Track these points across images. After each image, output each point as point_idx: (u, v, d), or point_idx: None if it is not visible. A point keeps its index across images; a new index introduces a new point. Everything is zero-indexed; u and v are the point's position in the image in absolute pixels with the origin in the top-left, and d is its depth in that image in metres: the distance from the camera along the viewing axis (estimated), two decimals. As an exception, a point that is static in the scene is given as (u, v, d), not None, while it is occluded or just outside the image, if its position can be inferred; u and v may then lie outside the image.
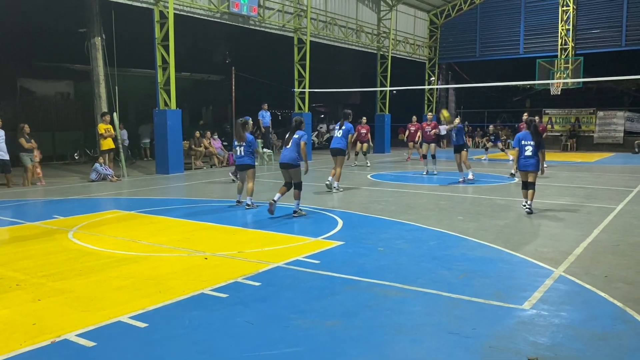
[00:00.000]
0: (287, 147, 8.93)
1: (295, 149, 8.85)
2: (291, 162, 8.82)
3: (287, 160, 8.84)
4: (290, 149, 8.87)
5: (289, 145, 8.92)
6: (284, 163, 8.91)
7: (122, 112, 17.14)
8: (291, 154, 8.84)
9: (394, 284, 5.19)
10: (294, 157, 8.82)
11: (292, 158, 8.82)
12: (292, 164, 8.83)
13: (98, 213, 9.38)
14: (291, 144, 8.89)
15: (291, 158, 8.82)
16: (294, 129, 9.07)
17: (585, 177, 14.54)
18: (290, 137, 8.96)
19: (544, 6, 26.92)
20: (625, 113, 27.42)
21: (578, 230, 7.65)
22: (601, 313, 4.45)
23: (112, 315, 4.35)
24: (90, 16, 16.19)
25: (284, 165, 8.93)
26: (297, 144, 8.88)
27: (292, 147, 8.87)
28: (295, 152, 8.84)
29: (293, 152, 8.85)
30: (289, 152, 8.87)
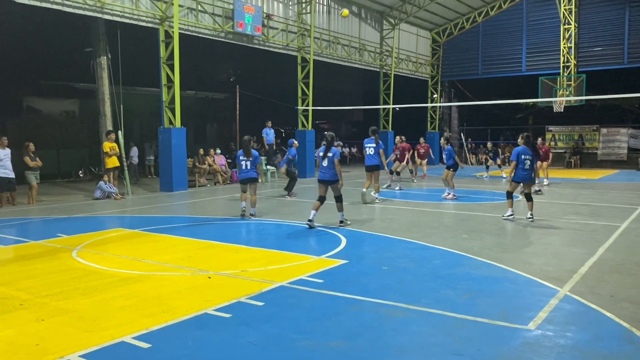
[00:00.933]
0: (324, 165, 9.45)
1: (332, 165, 9.40)
2: (332, 178, 9.43)
3: (329, 177, 9.44)
4: (328, 166, 9.44)
5: (325, 163, 9.43)
6: (325, 180, 9.50)
7: (127, 130, 17.26)
8: (330, 170, 9.41)
9: (398, 303, 5.17)
10: (333, 173, 9.40)
11: (332, 174, 9.41)
12: (332, 180, 9.43)
13: (102, 231, 9.40)
14: (328, 162, 9.43)
15: (331, 175, 9.41)
16: (329, 145, 9.52)
17: (590, 195, 14.50)
18: (325, 155, 9.46)
19: (546, 24, 27.11)
20: (628, 130, 27.44)
21: (583, 249, 7.61)
22: (607, 333, 4.41)
23: (116, 336, 4.33)
24: (96, 36, 16.38)
25: (324, 182, 9.52)
26: (332, 161, 9.40)
27: (329, 165, 9.42)
28: (333, 168, 9.39)
29: (331, 168, 9.40)
30: (328, 169, 9.44)
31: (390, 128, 26.54)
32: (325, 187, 9.60)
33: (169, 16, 15.38)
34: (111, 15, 14.48)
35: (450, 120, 32.59)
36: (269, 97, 24.12)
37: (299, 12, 20.62)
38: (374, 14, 25.44)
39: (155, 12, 15.24)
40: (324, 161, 9.43)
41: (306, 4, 20.68)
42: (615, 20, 25.46)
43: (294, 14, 20.59)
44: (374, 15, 25.49)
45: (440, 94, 31.05)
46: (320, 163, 9.53)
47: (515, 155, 9.80)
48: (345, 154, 32.89)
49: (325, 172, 9.48)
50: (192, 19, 16.51)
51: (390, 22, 25.91)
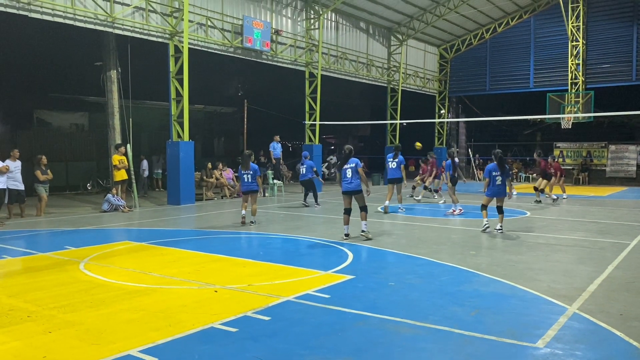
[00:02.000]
0: (347, 177, 9.57)
1: (356, 176, 9.54)
2: (357, 188, 9.57)
3: (354, 187, 9.57)
4: (351, 178, 9.56)
5: (349, 175, 9.56)
6: (350, 191, 9.62)
7: (136, 143, 17.39)
8: (355, 181, 9.54)
9: (406, 320, 5.13)
10: (358, 184, 9.56)
11: (357, 185, 9.56)
12: (357, 190, 9.59)
13: (109, 244, 9.42)
14: (352, 174, 9.55)
15: (356, 185, 9.56)
16: (346, 157, 9.67)
17: (598, 212, 14.40)
18: (346, 167, 9.58)
19: (554, 41, 27.16)
20: (637, 147, 27.28)
21: (591, 267, 7.55)
22: (617, 352, 4.36)
23: (122, 349, 4.33)
24: (107, 50, 16.58)
25: (350, 193, 9.65)
26: (356, 171, 9.55)
27: (353, 176, 9.55)
28: (357, 179, 9.54)
29: (356, 179, 9.54)
30: (352, 179, 9.57)
31: (397, 143, 26.52)
32: (349, 199, 9.72)
33: (178, 31, 15.56)
34: (122, 30, 14.67)
35: (458, 135, 32.56)
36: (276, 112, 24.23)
37: (307, 27, 20.80)
38: (382, 30, 25.61)
39: (165, 27, 15.43)
40: (347, 172, 9.56)
41: (314, 20, 20.86)
42: (623, 38, 25.47)
43: (302, 29, 20.76)
44: (382, 32, 25.66)
45: (448, 110, 31.08)
46: (343, 175, 9.62)
47: (487, 173, 10.49)
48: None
49: (349, 183, 9.58)
50: (202, 34, 16.69)
51: (398, 38, 26.06)
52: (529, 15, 27.77)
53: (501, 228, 10.49)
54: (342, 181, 9.65)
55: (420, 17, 25.13)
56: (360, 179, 9.56)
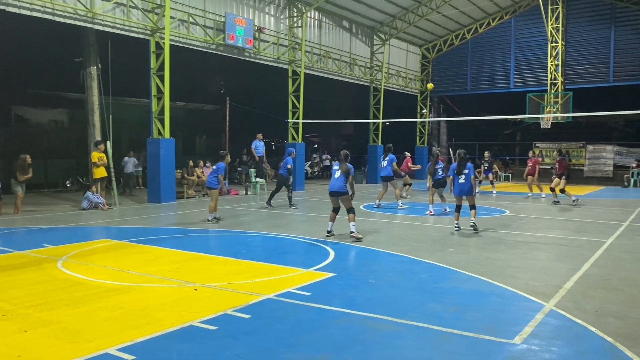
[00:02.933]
0: (335, 177, 9.66)
1: (344, 178, 9.57)
2: (340, 189, 9.59)
3: (337, 189, 9.62)
4: (339, 179, 9.62)
5: (337, 175, 9.66)
6: (334, 191, 9.66)
7: (116, 140, 17.19)
8: (341, 183, 9.59)
9: (385, 317, 5.16)
10: (343, 186, 9.58)
11: (341, 186, 9.59)
12: (342, 192, 9.60)
13: (88, 242, 9.31)
14: (340, 175, 9.62)
15: (340, 186, 9.58)
16: (343, 160, 9.70)
17: (576, 210, 14.62)
18: (342, 167, 9.63)
19: (534, 42, 27.50)
20: (614, 147, 27.78)
21: (569, 264, 7.67)
22: (592, 348, 4.44)
23: (100, 348, 4.29)
24: (87, 46, 16.35)
25: (333, 194, 9.69)
26: (347, 174, 9.59)
27: (340, 177, 9.61)
28: (344, 181, 9.57)
29: (343, 181, 9.59)
30: (339, 181, 9.61)
31: (380, 142, 26.66)
32: (336, 199, 9.77)
33: (160, 28, 15.41)
34: (102, 26, 14.48)
35: (439, 135, 32.80)
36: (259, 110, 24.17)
37: (290, 25, 20.76)
38: (365, 29, 25.67)
39: (146, 23, 15.27)
40: (336, 172, 9.67)
41: (297, 18, 20.83)
42: (601, 40, 25.90)
43: (285, 27, 20.72)
44: (365, 31, 25.72)
45: (430, 109, 31.28)
46: (332, 174, 9.74)
47: (452, 172, 10.78)
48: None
49: (334, 184, 9.66)
50: (184, 30, 16.56)
51: (380, 37, 26.15)
52: (510, 16, 28.08)
53: (474, 223, 10.51)
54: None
55: (402, 16, 25.25)
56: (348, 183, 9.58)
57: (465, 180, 10.47)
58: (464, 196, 10.59)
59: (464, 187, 10.48)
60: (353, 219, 9.62)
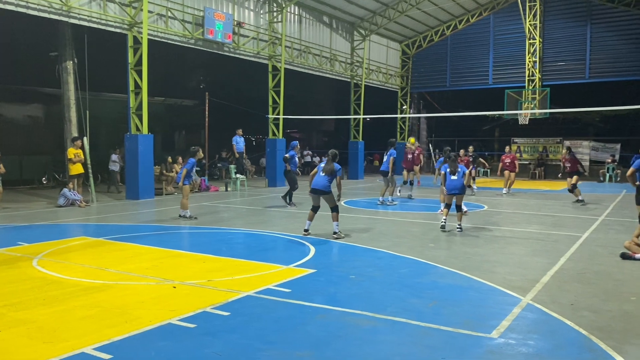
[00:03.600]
0: (320, 174, 9.35)
1: (329, 178, 9.31)
2: (324, 189, 9.27)
3: (321, 187, 9.28)
4: (324, 177, 9.32)
5: (323, 173, 9.34)
6: (317, 189, 9.32)
7: (93, 136, 16.92)
8: (325, 181, 9.30)
9: (365, 312, 5.18)
10: (327, 185, 9.30)
11: (325, 185, 9.28)
12: (325, 190, 9.28)
13: (65, 240, 9.17)
14: (326, 174, 9.33)
15: (324, 185, 9.28)
16: (330, 160, 9.42)
17: (553, 205, 14.85)
18: (327, 167, 9.35)
19: (512, 39, 27.80)
20: (590, 142, 28.26)
21: (545, 258, 7.79)
22: (567, 342, 4.51)
23: (76, 347, 4.22)
24: (63, 40, 16.08)
25: (316, 192, 9.35)
26: (332, 174, 9.31)
27: (326, 176, 9.32)
28: (329, 180, 9.30)
29: (327, 180, 9.31)
30: (323, 179, 9.31)
31: (361, 138, 26.73)
32: (318, 198, 9.44)
33: (138, 22, 15.21)
34: (78, 20, 14.23)
35: (419, 131, 33.01)
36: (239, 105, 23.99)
37: (270, 20, 20.65)
38: (345, 25, 25.67)
39: (124, 17, 15.05)
40: (324, 172, 9.32)
41: (277, 13, 20.73)
42: (578, 37, 26.30)
43: (265, 22, 20.61)
44: (345, 26, 25.72)
45: (410, 105, 31.45)
46: (318, 172, 9.42)
47: (443, 168, 10.67)
48: (315, 163, 32.94)
49: (318, 182, 9.31)
50: (162, 25, 16.36)
51: (361, 33, 26.18)
52: (489, 12, 28.34)
53: (460, 227, 10.14)
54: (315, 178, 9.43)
55: (382, 12, 25.30)
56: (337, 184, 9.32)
57: (458, 178, 10.35)
58: (456, 194, 10.34)
59: (457, 185, 10.30)
60: (337, 218, 9.40)
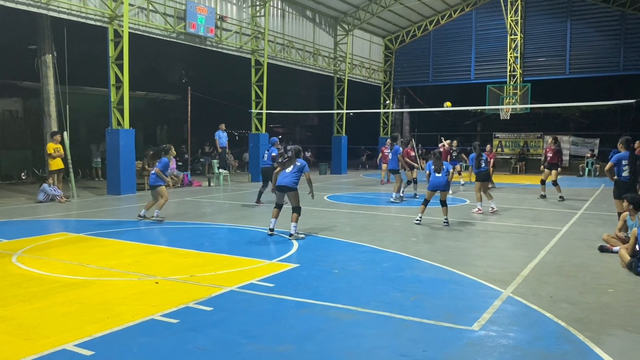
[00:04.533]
0: (286, 171, 8.98)
1: (296, 174, 8.94)
2: (290, 185, 8.90)
3: (286, 183, 8.90)
4: (291, 173, 8.94)
5: (289, 169, 8.97)
6: (282, 186, 8.94)
7: (74, 131, 16.70)
8: (291, 178, 8.92)
9: (348, 306, 5.21)
10: (294, 181, 8.92)
11: (291, 182, 8.91)
12: (291, 187, 8.90)
13: (45, 235, 9.05)
14: (292, 169, 8.96)
15: (290, 182, 8.90)
16: (294, 156, 9.13)
17: (533, 200, 15.04)
18: (290, 163, 9.03)
19: (494, 34, 28.02)
20: (570, 138, 28.66)
21: (525, 252, 7.90)
22: (547, 333, 4.59)
23: (57, 344, 4.19)
24: (41, 33, 15.81)
25: (282, 188, 8.97)
26: (299, 170, 8.97)
27: (292, 172, 8.95)
28: (296, 177, 8.93)
29: (293, 176, 8.93)
30: (289, 176, 8.92)
31: (344, 133, 26.76)
32: (283, 195, 9.09)
33: (118, 15, 15.01)
34: (57, 12, 14.00)
35: (402, 126, 33.16)
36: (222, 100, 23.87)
37: (253, 14, 20.54)
38: (328, 20, 25.63)
39: (104, 10, 14.84)
40: (289, 168, 8.96)
41: (260, 7, 20.62)
42: (558, 33, 26.61)
43: (248, 16, 20.49)
44: (328, 21, 25.68)
45: (393, 100, 31.56)
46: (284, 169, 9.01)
47: (428, 167, 10.73)
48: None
49: (284, 178, 8.93)
50: (143, 18, 16.17)
51: (344, 27, 26.16)
52: (471, 8, 28.51)
53: (446, 221, 10.21)
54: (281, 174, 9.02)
55: (365, 7, 25.31)
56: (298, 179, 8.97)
57: (442, 175, 10.35)
58: (440, 191, 10.40)
59: (442, 182, 10.32)
60: (296, 219, 8.88)
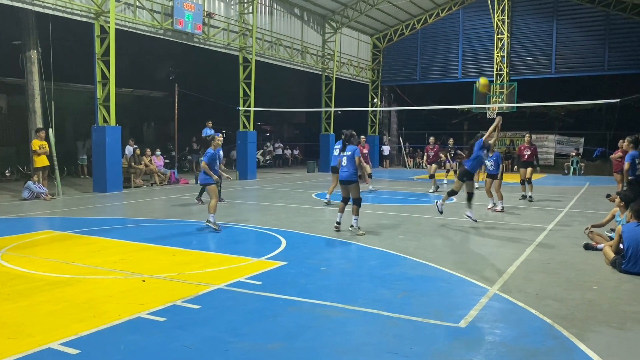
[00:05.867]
0: (343, 165, 9.00)
1: (352, 165, 8.94)
2: (349, 178, 8.94)
3: (346, 177, 8.94)
4: (347, 166, 8.96)
5: (344, 163, 8.98)
6: (343, 180, 8.97)
7: (59, 128, 16.54)
8: (349, 170, 8.94)
9: (336, 304, 5.22)
10: (352, 173, 8.94)
11: (350, 174, 8.93)
12: (351, 180, 8.94)
13: (30, 233, 8.95)
14: (347, 161, 8.97)
15: (349, 174, 8.93)
16: (344, 144, 9.12)
17: (518, 198, 15.14)
18: (343, 154, 9.04)
19: (481, 33, 28.19)
20: (555, 136, 28.95)
21: (512, 249, 7.96)
22: (532, 330, 4.64)
23: (42, 342, 4.14)
24: (26, 28, 15.60)
25: (344, 182, 9.00)
26: (352, 159, 8.96)
27: (348, 164, 8.96)
28: (353, 167, 8.94)
29: (350, 168, 8.93)
30: (347, 168, 8.96)
31: (332, 130, 26.77)
32: (346, 189, 9.06)
33: (104, 11, 14.86)
34: (42, 8, 13.83)
35: (390, 124, 33.27)
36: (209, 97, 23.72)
37: (241, 11, 20.45)
38: (317, 17, 25.60)
39: (90, 6, 14.69)
40: (344, 159, 8.97)
41: (248, 4, 20.53)
42: (544, 33, 26.84)
43: (236, 13, 20.40)
44: (316, 19, 25.65)
45: (380, 99, 31.63)
46: (341, 161, 9.06)
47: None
48: (287, 156, 32.89)
49: (343, 172, 8.96)
50: (130, 14, 16.03)
51: (332, 25, 26.16)
52: (458, 7, 28.64)
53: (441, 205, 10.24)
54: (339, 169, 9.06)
55: (354, 5, 25.32)
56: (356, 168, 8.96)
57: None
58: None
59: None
60: (358, 212, 9.02)
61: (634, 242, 6.55)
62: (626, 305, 5.36)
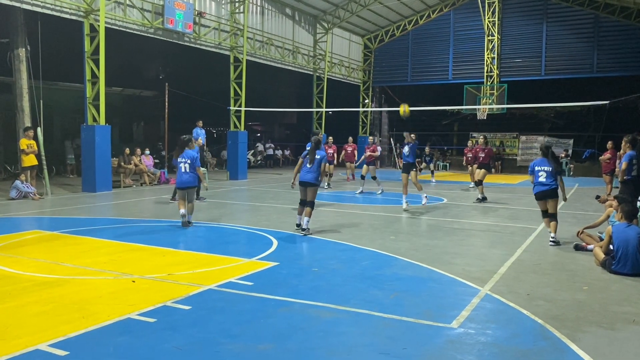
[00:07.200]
0: (308, 167, 9.04)
1: (318, 169, 9.04)
2: (312, 181, 9.02)
3: (309, 179, 9.01)
4: (313, 168, 9.04)
5: (309, 165, 9.03)
6: (305, 182, 9.04)
7: (48, 127, 16.38)
8: (314, 173, 9.03)
9: (327, 304, 5.20)
10: (316, 177, 9.04)
11: (314, 177, 9.03)
12: (313, 183, 9.02)
13: (17, 233, 8.84)
14: (314, 164, 9.04)
15: (313, 177, 9.02)
16: (313, 148, 9.14)
17: (509, 199, 15.24)
18: (313, 157, 9.07)
19: (471, 35, 28.31)
20: (545, 138, 29.12)
21: (502, 250, 7.99)
22: (524, 330, 4.65)
23: (30, 344, 4.08)
24: (15, 26, 15.44)
25: (304, 184, 9.06)
26: (319, 164, 9.06)
27: (315, 167, 9.04)
28: (318, 172, 9.06)
29: (316, 172, 9.04)
30: (312, 171, 9.03)
31: (323, 131, 26.74)
32: (305, 190, 9.10)
33: (94, 9, 14.74)
34: (30, 5, 13.69)
35: (381, 125, 33.29)
36: (200, 97, 23.62)
37: (232, 11, 20.38)
38: (308, 18, 25.58)
39: (79, 4, 14.56)
40: (312, 163, 9.01)
41: (239, 4, 20.46)
42: (534, 34, 27.00)
43: (227, 12, 20.32)
44: (308, 19, 25.63)
45: (372, 99, 31.67)
46: (305, 164, 9.11)
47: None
48: (278, 156, 32.81)
49: (306, 174, 9.03)
50: (120, 13, 15.91)
51: (323, 26, 26.15)
52: (449, 8, 28.74)
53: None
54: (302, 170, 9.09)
55: (345, 6, 25.33)
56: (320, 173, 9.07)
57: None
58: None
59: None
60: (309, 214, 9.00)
61: (623, 243, 6.59)
62: (616, 305, 5.39)
